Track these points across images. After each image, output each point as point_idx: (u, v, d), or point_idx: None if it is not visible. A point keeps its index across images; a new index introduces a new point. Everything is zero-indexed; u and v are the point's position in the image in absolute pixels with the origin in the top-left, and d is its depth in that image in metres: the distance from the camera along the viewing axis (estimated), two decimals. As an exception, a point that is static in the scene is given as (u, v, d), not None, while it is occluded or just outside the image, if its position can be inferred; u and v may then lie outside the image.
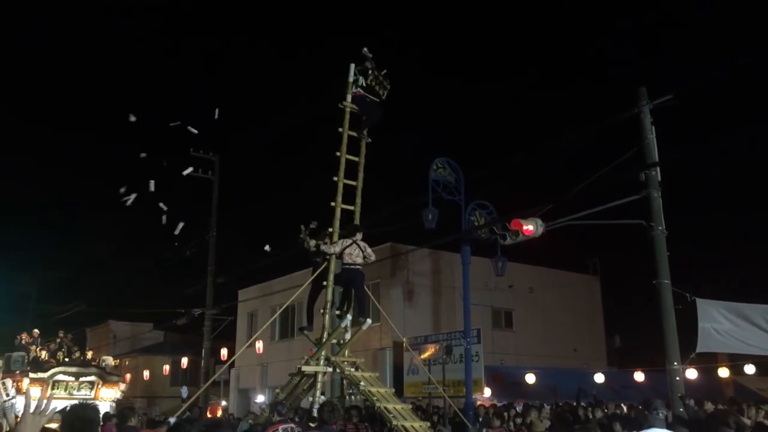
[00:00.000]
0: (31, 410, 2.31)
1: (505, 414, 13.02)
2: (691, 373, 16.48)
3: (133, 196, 11.04)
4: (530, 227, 12.07)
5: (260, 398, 25.49)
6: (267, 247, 12.58)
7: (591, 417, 11.78)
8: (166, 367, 32.04)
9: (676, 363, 11.13)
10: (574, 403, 14.52)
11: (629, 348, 27.05)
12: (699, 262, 27.19)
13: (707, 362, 18.62)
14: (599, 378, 19.67)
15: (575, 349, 24.86)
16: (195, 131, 14.98)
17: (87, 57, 68.13)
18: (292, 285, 17.66)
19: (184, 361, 29.05)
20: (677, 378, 11.08)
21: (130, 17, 64.05)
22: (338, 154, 10.92)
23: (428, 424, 10.28)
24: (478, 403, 16.45)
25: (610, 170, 11.78)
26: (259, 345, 25.41)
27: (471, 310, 17.01)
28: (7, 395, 19.12)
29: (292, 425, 6.82)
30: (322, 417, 6.68)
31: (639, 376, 20.21)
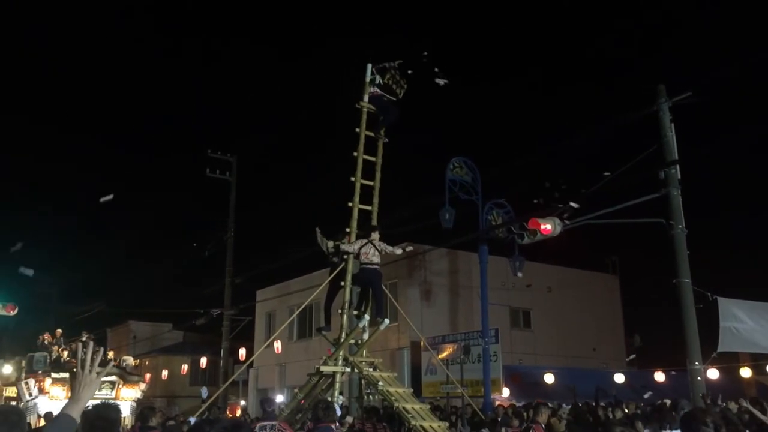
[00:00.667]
0: (82, 369, 2.33)
1: (525, 414, 12.95)
2: (713, 373, 16.28)
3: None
4: (548, 226, 12.01)
5: (279, 398, 25.59)
6: None
7: (612, 417, 11.68)
8: (185, 367, 32.27)
9: (697, 363, 11.02)
10: (593, 403, 14.40)
11: (649, 347, 26.77)
12: (720, 260, 26.89)
13: (729, 362, 18.39)
14: (619, 378, 19.51)
15: (594, 349, 24.69)
16: (30, 273, 15.08)
17: (98, 58, 68.92)
18: (310, 285, 17.74)
19: (203, 361, 29.25)
20: (698, 378, 10.97)
21: (129, 17, 64.65)
22: (355, 154, 10.92)
23: (446, 424, 10.26)
24: (497, 403, 16.38)
25: (629, 168, 11.70)
26: (278, 345, 25.51)
27: (489, 310, 16.94)
28: (30, 395, 19.37)
29: (273, 422, 6.78)
30: (317, 415, 6.63)
31: (659, 376, 20.02)
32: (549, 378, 19.14)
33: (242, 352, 25.48)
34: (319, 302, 15.51)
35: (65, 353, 19.51)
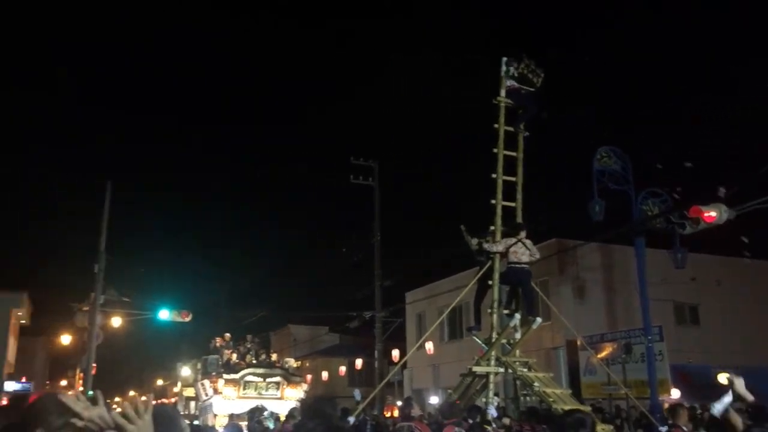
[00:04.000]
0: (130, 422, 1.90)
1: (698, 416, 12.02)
2: None
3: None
4: (713, 213, 11.09)
5: (433, 399, 25.77)
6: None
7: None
8: (343, 369, 33.48)
9: None
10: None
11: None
12: None
13: None
14: (807, 377, 17.51)
15: (775, 345, 22.39)
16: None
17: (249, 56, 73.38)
18: (458, 285, 17.68)
19: (359, 362, 30.15)
20: None
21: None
22: (495, 150, 10.73)
23: (611, 427, 9.77)
24: (666, 405, 15.35)
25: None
26: (429, 346, 25.69)
27: (650, 306, 15.96)
28: (206, 395, 21.04)
29: (410, 423, 6.74)
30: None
31: None
32: (723, 378, 17.60)
33: (395, 353, 25.95)
34: (468, 302, 15.41)
35: (234, 356, 20.96)
